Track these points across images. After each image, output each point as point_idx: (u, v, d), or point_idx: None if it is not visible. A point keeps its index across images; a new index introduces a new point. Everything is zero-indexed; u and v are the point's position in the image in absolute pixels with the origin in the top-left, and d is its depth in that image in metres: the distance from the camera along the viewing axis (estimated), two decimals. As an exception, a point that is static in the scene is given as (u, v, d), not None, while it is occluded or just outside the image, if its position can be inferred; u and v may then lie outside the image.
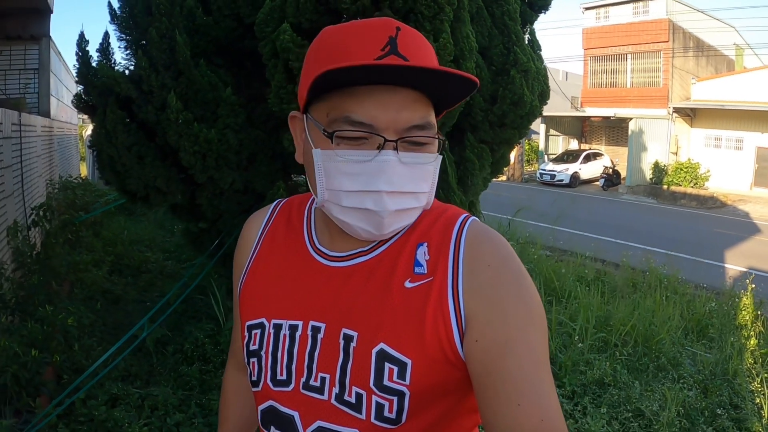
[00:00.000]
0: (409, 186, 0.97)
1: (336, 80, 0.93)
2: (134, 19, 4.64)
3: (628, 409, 4.20)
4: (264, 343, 1.07)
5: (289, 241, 1.15)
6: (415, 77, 0.93)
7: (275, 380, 1.06)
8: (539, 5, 5.59)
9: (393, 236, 1.06)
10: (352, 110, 0.94)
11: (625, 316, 5.89)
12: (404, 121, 0.95)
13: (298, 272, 1.09)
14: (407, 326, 0.98)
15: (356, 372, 0.99)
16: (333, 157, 0.96)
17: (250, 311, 1.12)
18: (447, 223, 1.07)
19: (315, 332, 1.04)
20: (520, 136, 5.10)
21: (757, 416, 4.36)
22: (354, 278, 1.04)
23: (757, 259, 12.24)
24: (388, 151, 0.94)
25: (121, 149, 4.61)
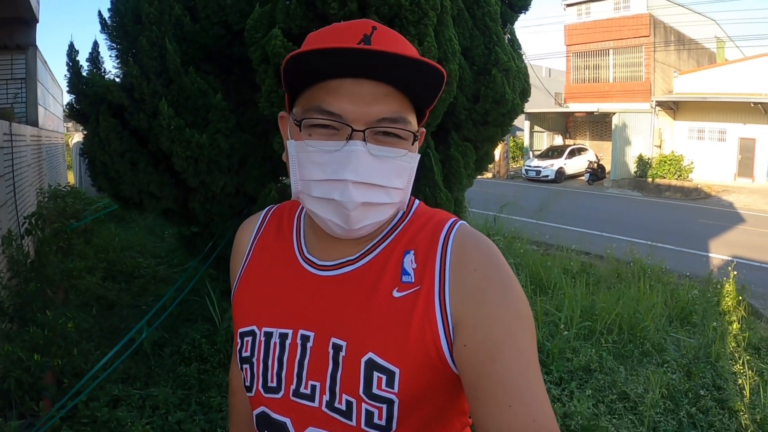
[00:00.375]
0: (378, 178, 0.97)
1: (309, 72, 0.97)
2: (124, 29, 4.74)
3: (613, 392, 4.36)
4: (255, 351, 1.09)
5: (279, 248, 1.16)
6: (383, 68, 0.94)
7: (266, 387, 1.08)
8: (519, 6, 5.72)
9: (380, 243, 1.08)
10: (323, 100, 0.96)
11: (610, 305, 6.06)
12: (374, 114, 0.96)
13: (287, 280, 1.11)
14: (395, 336, 0.99)
15: (345, 380, 1.00)
16: (304, 147, 0.99)
17: (242, 318, 1.14)
18: (434, 228, 1.08)
19: (304, 341, 1.05)
20: (503, 133, 5.23)
21: (739, 396, 4.53)
22: (343, 287, 1.05)
23: (740, 248, 12.43)
24: (356, 141, 0.95)
25: (115, 156, 4.70)
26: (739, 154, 25.89)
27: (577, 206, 18.49)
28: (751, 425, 4.10)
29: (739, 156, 25.88)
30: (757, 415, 4.21)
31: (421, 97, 1.02)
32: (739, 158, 25.89)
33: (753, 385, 4.69)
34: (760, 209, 19.80)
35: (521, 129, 33.42)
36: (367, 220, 1.00)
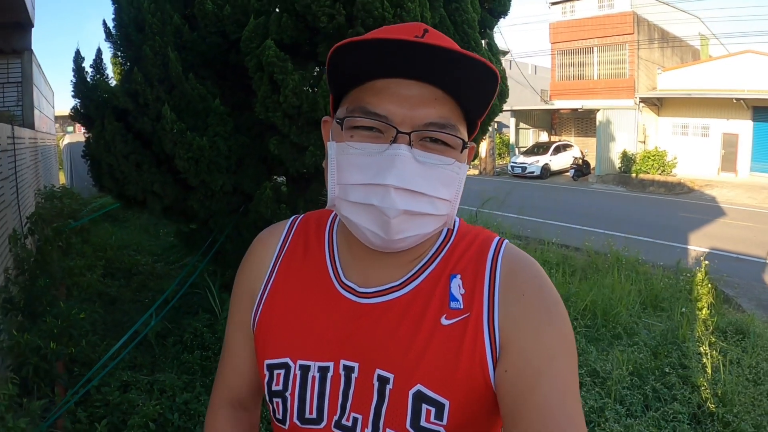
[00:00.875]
0: (423, 186, 0.90)
1: (355, 70, 0.92)
2: (128, 38, 5.05)
3: (583, 369, 4.72)
4: (290, 385, 1.02)
5: (309, 270, 1.08)
6: (435, 68, 0.88)
7: (303, 419, 1.01)
8: (498, 11, 6.05)
9: (426, 267, 1.03)
10: (368, 101, 0.92)
11: (585, 292, 6.44)
12: (422, 117, 0.90)
13: (323, 308, 1.03)
14: (444, 366, 0.95)
15: (391, 414, 0.96)
16: (345, 149, 0.93)
17: (270, 349, 1.05)
18: (480, 249, 1.05)
19: (348, 372, 0.99)
20: (483, 133, 5.57)
21: (702, 373, 4.90)
22: (387, 316, 0.99)
23: (719, 240, 12.75)
24: (401, 144, 0.89)
25: (120, 158, 5.02)
26: (722, 149, 26.28)
27: (562, 201, 18.89)
28: (712, 398, 4.48)
29: (723, 151, 26.27)
30: (718, 389, 4.58)
31: (472, 103, 0.95)
32: (723, 153, 26.28)
33: (716, 364, 5.06)
34: (742, 203, 20.13)
35: (507, 126, 33.71)
36: (409, 232, 0.93)
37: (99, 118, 5.20)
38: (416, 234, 0.94)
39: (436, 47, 0.84)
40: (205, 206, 5.28)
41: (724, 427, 4.16)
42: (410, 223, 0.92)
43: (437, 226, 0.97)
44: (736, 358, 5.27)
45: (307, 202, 5.27)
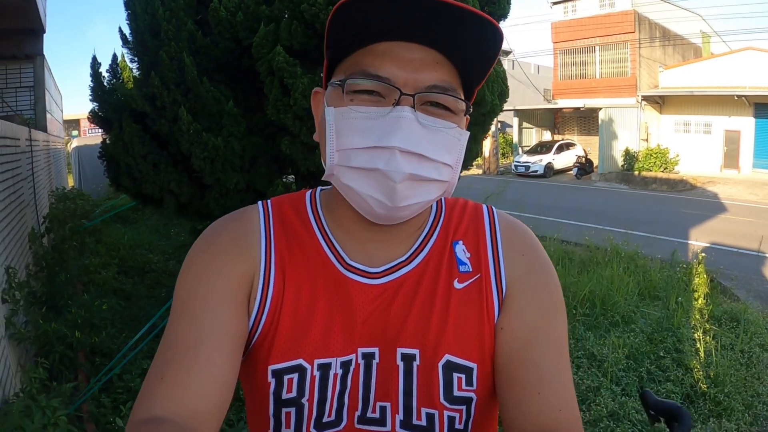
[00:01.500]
0: (427, 149, 0.88)
1: (356, 31, 0.89)
2: (144, 44, 5.30)
3: (582, 353, 4.96)
4: (307, 389, 0.93)
5: (307, 258, 0.99)
6: (438, 29, 0.86)
7: (320, 424, 0.94)
8: (498, 14, 6.27)
9: (428, 238, 1.02)
10: (369, 64, 0.89)
11: (584, 282, 6.68)
12: (424, 80, 0.88)
13: (333, 297, 0.96)
14: (467, 330, 0.96)
15: (423, 391, 0.94)
16: (346, 113, 0.89)
17: (276, 353, 0.94)
18: (473, 215, 1.07)
19: (368, 359, 0.95)
20: (484, 131, 5.81)
21: (695, 356, 5.13)
22: (402, 292, 0.97)
23: (719, 235, 12.89)
24: (404, 107, 0.86)
25: (138, 158, 5.27)
26: (724, 146, 26.31)
27: (566, 200, 19.05)
28: (704, 380, 4.71)
29: (725, 148, 26.31)
30: (711, 371, 4.82)
31: (473, 66, 0.93)
32: (725, 150, 26.31)
33: (709, 348, 5.29)
34: (744, 199, 20.19)
35: (510, 125, 33.77)
36: (413, 198, 0.89)
37: (117, 121, 5.45)
38: (420, 201, 0.91)
39: (439, 2, 0.82)
40: (219, 204, 5.51)
41: (715, 405, 4.40)
42: (415, 190, 0.89)
43: (440, 193, 0.94)
44: (729, 344, 5.50)
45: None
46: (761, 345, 5.58)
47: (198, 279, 0.94)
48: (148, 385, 0.85)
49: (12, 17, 9.20)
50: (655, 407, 1.88)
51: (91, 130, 31.09)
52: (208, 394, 0.84)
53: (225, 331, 0.89)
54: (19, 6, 8.67)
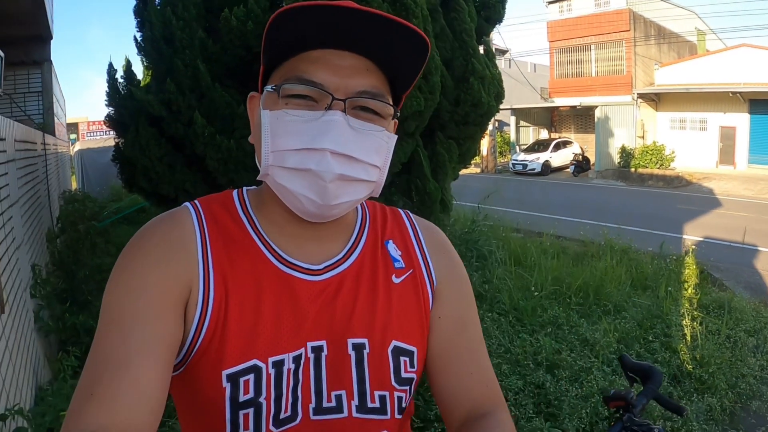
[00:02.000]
0: (357, 151, 0.93)
1: (291, 39, 0.94)
2: (159, 52, 5.59)
3: (575, 338, 5.26)
4: (263, 388, 0.94)
5: (245, 258, 1.00)
6: (367, 38, 0.92)
7: (278, 421, 0.95)
8: (494, 18, 6.58)
9: (359, 239, 1.09)
10: (303, 70, 0.93)
11: (578, 274, 7.00)
12: (355, 86, 0.93)
13: (278, 294, 0.98)
14: (408, 318, 1.05)
15: (375, 375, 1.00)
16: (281, 116, 0.93)
17: (228, 357, 0.93)
18: (394, 217, 1.16)
19: (317, 352, 0.98)
20: (482, 131, 6.13)
21: (683, 340, 5.43)
22: (344, 287, 1.02)
23: (713, 230, 13.13)
24: (335, 111, 0.91)
25: (154, 160, 5.56)
26: (720, 142, 26.62)
27: (563, 197, 19.29)
28: (690, 361, 5.02)
29: (721, 144, 26.62)
30: (697, 354, 5.12)
31: (400, 74, 1.00)
32: (721, 146, 26.62)
33: (695, 333, 5.60)
34: (739, 194, 20.40)
35: (507, 124, 33.98)
36: (343, 197, 0.95)
37: (133, 125, 5.74)
38: (350, 200, 0.97)
39: (370, 13, 0.87)
40: (232, 203, 5.80)
41: (700, 384, 4.70)
42: (345, 189, 0.94)
43: (368, 192, 1.00)
44: (715, 329, 5.80)
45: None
46: (746, 330, 5.87)
47: (128, 290, 0.91)
48: (77, 401, 0.83)
49: (21, 24, 9.37)
50: (632, 369, 2.20)
51: (89, 134, 31.11)
52: (140, 408, 0.83)
53: (156, 345, 0.88)
54: (30, 12, 8.90)
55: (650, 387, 2.06)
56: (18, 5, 8.35)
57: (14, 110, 10.20)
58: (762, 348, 5.54)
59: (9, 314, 3.45)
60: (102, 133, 30.15)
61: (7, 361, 3.16)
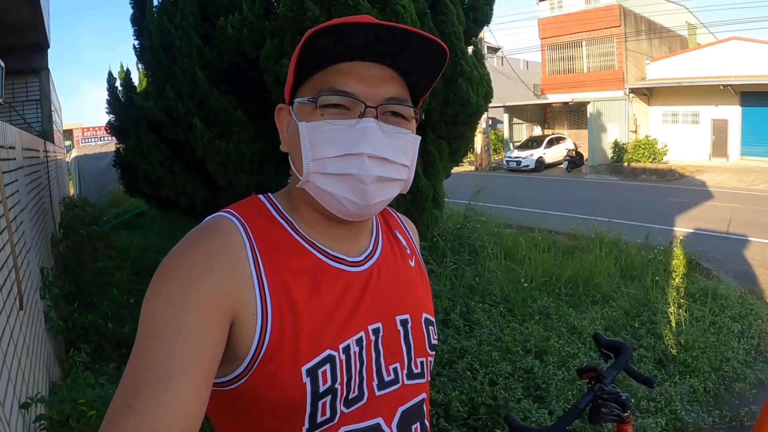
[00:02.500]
0: (391, 154, 1.01)
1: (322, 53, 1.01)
2: (158, 60, 5.80)
3: (564, 326, 5.47)
4: (338, 375, 1.00)
5: (293, 258, 1.04)
6: (392, 50, 1.00)
7: (348, 402, 1.02)
8: (482, 20, 6.79)
9: (378, 234, 1.22)
10: (335, 82, 1.01)
11: (568, 266, 7.22)
12: (383, 94, 1.02)
13: (332, 287, 1.05)
14: (426, 294, 1.25)
15: (418, 345, 1.15)
16: (319, 127, 1.00)
17: (304, 354, 0.97)
18: (387, 212, 1.32)
19: (376, 333, 1.08)
20: (471, 130, 6.34)
21: (668, 326, 5.64)
22: (381, 273, 1.13)
23: (704, 221, 13.22)
24: (369, 118, 0.99)
25: (155, 165, 5.78)
26: (712, 135, 26.78)
27: (556, 193, 19.45)
28: (675, 346, 5.22)
29: (713, 137, 26.78)
30: (681, 339, 5.32)
31: (421, 81, 1.09)
32: (713, 139, 26.78)
33: (680, 320, 5.80)
34: (731, 186, 20.53)
35: (501, 121, 34.21)
36: (380, 197, 1.03)
37: (134, 131, 5.95)
38: (385, 198, 1.05)
39: (393, 28, 0.96)
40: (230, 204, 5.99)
41: (684, 367, 4.90)
42: (382, 189, 1.03)
43: (399, 190, 1.09)
44: (701, 316, 6.00)
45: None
46: (732, 317, 6.06)
47: (170, 303, 0.91)
48: (115, 412, 0.84)
49: (20, 33, 9.48)
50: (605, 345, 2.41)
51: (84, 141, 31.01)
52: (178, 424, 0.84)
53: (197, 362, 0.88)
54: (28, 22, 9.03)
55: (620, 360, 2.27)
56: (16, 15, 8.49)
57: (14, 118, 10.34)
58: (747, 333, 5.73)
59: (25, 312, 3.65)
60: (97, 139, 30.17)
61: (25, 356, 3.36)
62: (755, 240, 11.04)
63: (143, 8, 6.23)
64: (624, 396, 2.08)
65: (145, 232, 12.42)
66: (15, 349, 3.07)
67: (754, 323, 6.00)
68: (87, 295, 6.24)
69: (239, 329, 0.95)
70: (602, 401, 2.09)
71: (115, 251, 9.48)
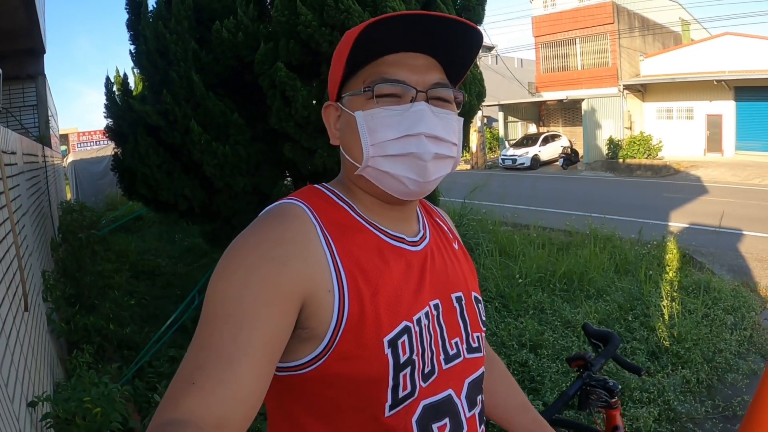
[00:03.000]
0: (444, 133, 1.08)
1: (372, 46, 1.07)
2: (154, 65, 5.86)
3: (558, 320, 5.57)
4: (415, 345, 1.04)
5: (361, 239, 1.09)
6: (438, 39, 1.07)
7: (424, 376, 1.06)
8: (474, 20, 6.80)
9: (424, 219, 1.28)
10: (385, 72, 1.08)
11: (563, 261, 7.32)
12: (430, 80, 1.09)
13: (397, 264, 1.10)
14: (472, 274, 1.31)
15: (473, 321, 1.21)
16: (376, 114, 1.06)
17: (384, 326, 1.01)
18: (424, 204, 1.36)
19: (437, 309, 1.13)
20: (465, 129, 6.42)
21: (661, 319, 5.74)
22: (435, 254, 1.20)
23: (699, 216, 13.27)
24: (421, 102, 1.06)
25: (153, 168, 5.84)
26: (707, 130, 26.82)
27: (552, 190, 19.53)
28: (668, 338, 5.31)
29: (708, 132, 26.82)
30: (674, 331, 5.41)
31: (457, 68, 1.16)
32: (708, 134, 26.83)
33: (673, 313, 5.89)
34: (726, 181, 20.57)
35: (496, 120, 34.16)
36: (437, 173, 1.09)
37: (132, 135, 6.01)
38: (441, 175, 1.11)
39: (433, 16, 1.03)
40: (228, 206, 6.08)
41: (677, 359, 4.99)
42: (438, 165, 1.09)
43: (452, 167, 1.15)
44: (694, 308, 6.09)
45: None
46: (725, 309, 6.15)
47: (243, 286, 0.94)
48: (178, 387, 0.86)
49: (16, 38, 9.48)
50: (594, 335, 2.49)
51: (80, 145, 31.00)
52: (238, 406, 0.86)
53: (263, 345, 0.91)
54: (24, 27, 9.07)
55: (608, 349, 2.36)
56: (13, 21, 8.52)
57: (11, 123, 10.39)
58: (740, 325, 5.82)
59: (30, 314, 3.72)
60: (92, 143, 30.20)
61: (31, 356, 3.44)
62: (749, 233, 11.12)
63: (138, 13, 6.28)
64: (611, 382, 2.17)
65: (143, 236, 12.52)
66: (21, 349, 3.14)
67: (747, 315, 6.08)
68: (87, 297, 6.31)
69: (316, 307, 0.98)
70: (590, 388, 2.18)
71: (113, 254, 9.57)
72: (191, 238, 11.22)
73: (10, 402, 2.35)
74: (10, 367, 2.66)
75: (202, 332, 0.91)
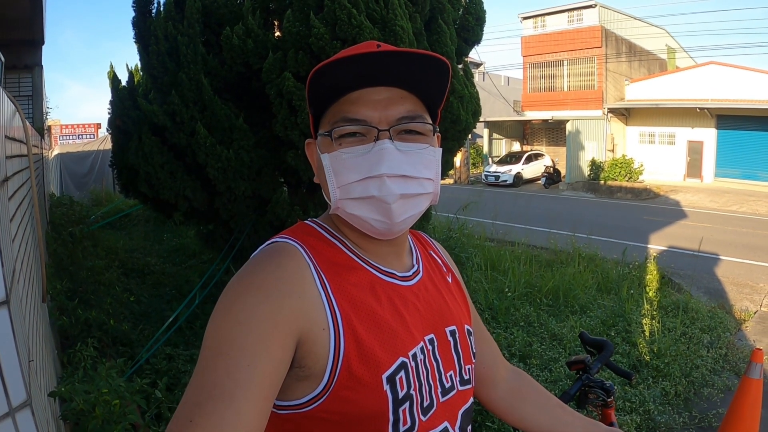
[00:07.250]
0: (409, 170, 1.04)
1: (330, 86, 1.05)
2: (164, 66, 5.98)
3: (545, 333, 5.78)
4: (412, 381, 1.05)
5: (354, 277, 1.09)
6: (396, 71, 1.03)
7: (424, 411, 1.07)
8: (473, 40, 7.08)
9: (417, 253, 1.27)
10: (347, 111, 1.05)
11: (548, 278, 7.56)
12: (394, 115, 1.05)
13: (391, 300, 1.10)
14: (465, 307, 1.32)
15: (465, 353, 1.22)
16: (338, 156, 1.05)
17: (382, 363, 1.02)
18: (417, 235, 1.37)
19: (432, 344, 1.14)
20: (459, 146, 6.63)
21: (642, 335, 5.98)
22: (428, 288, 1.20)
23: (677, 239, 13.67)
24: (384, 140, 1.03)
25: (157, 167, 5.96)
26: (688, 156, 27.48)
27: (533, 208, 19.79)
28: (648, 353, 5.55)
29: (688, 158, 27.47)
30: (654, 347, 5.65)
31: (431, 95, 1.11)
32: (688, 160, 27.47)
33: (653, 330, 6.14)
34: (704, 206, 20.98)
35: (480, 136, 34.51)
36: (406, 213, 1.06)
37: (137, 133, 6.13)
38: (413, 213, 1.08)
39: (395, 52, 1.00)
40: (228, 209, 6.20)
41: (657, 372, 5.24)
42: (407, 205, 1.05)
43: (428, 202, 1.12)
44: (672, 327, 6.35)
45: (316, 204, 6.26)
46: (702, 328, 6.44)
47: (238, 323, 0.93)
48: (177, 425, 0.85)
49: (17, 28, 9.65)
50: (590, 343, 2.69)
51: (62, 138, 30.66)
52: None
53: (261, 381, 0.90)
54: (27, 17, 9.12)
55: (604, 355, 2.56)
56: (17, 10, 8.59)
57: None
58: (716, 344, 6.10)
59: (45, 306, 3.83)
60: (74, 137, 29.98)
61: (45, 347, 3.55)
62: (726, 258, 11.46)
63: (145, 12, 6.41)
64: (608, 383, 2.38)
65: (130, 233, 12.53)
66: (38, 340, 3.26)
67: (722, 335, 6.37)
68: (84, 292, 6.39)
69: (311, 345, 0.98)
70: (589, 388, 2.39)
71: (103, 251, 9.64)
72: (179, 238, 11.27)
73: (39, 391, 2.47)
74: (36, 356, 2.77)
75: (200, 370, 0.91)
